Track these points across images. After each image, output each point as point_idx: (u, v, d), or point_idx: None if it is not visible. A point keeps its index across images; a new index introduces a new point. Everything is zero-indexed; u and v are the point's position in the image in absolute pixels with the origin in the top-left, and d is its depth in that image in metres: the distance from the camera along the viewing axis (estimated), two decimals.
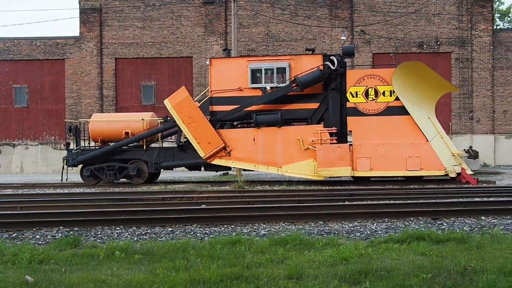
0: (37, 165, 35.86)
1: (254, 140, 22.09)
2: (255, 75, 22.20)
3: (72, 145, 24.67)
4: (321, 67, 21.65)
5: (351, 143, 21.46)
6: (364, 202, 14.61)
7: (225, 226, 11.51)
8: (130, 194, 18.12)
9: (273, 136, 21.92)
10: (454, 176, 20.79)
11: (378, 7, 34.41)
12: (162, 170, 24.56)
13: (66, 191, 21.00)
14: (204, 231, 11.00)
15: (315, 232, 10.68)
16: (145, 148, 23.62)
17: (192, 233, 10.88)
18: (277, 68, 22.16)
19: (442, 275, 7.08)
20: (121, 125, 23.87)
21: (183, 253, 8.78)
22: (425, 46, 34.15)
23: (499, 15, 55.43)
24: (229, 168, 24.31)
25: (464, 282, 6.85)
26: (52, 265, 8.26)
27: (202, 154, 22.13)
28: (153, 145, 24.59)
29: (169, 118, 23.39)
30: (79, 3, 35.68)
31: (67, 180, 24.62)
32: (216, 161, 22.44)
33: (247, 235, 10.43)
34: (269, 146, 21.95)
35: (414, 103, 21.32)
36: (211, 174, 27.38)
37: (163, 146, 24.20)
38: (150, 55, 35.33)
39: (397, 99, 21.27)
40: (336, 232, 10.62)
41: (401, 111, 21.21)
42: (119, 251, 8.84)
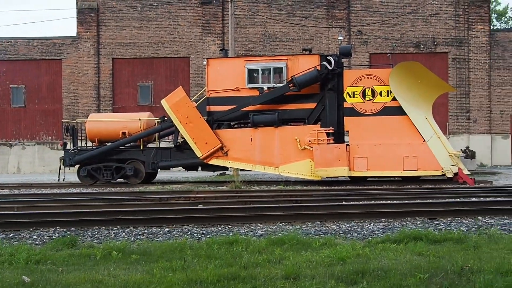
0: (34, 165, 35.81)
1: (251, 140, 22.09)
2: (252, 75, 22.20)
3: (69, 145, 24.65)
4: (318, 67, 21.67)
5: (348, 143, 21.48)
6: (361, 202, 14.61)
7: (222, 226, 11.51)
8: (127, 194, 18.11)
9: (270, 136, 21.92)
10: (451, 176, 20.82)
11: (375, 7, 34.44)
12: (159, 170, 24.55)
13: (63, 191, 20.97)
14: (201, 231, 10.99)
15: (312, 232, 10.68)
16: (142, 148, 23.61)
17: (189, 233, 10.87)
18: (274, 68, 22.17)
19: (439, 275, 7.09)
20: (118, 125, 23.84)
21: (180, 253, 8.78)
22: (422, 46, 34.18)
23: (495, 15, 55.60)
24: (226, 168, 24.28)
25: (461, 282, 6.85)
26: (49, 265, 8.25)
27: (199, 154, 22.12)
28: (150, 145, 24.59)
29: (166, 118, 23.40)
30: (76, 3, 35.62)
31: (64, 180, 24.63)
32: (213, 161, 22.44)
33: (244, 235, 10.43)
34: (266, 146, 21.95)
35: (411, 103, 21.35)
36: (208, 174, 27.38)
37: (160, 146, 24.16)
38: (147, 55, 35.30)
39: (394, 99, 21.30)
40: (333, 232, 10.62)
41: (398, 111, 21.24)
42: (116, 251, 8.83)
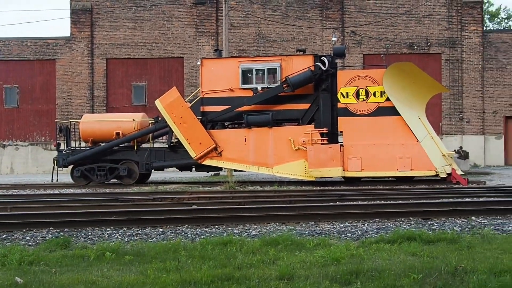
0: (28, 165, 35.68)
1: (245, 141, 22.08)
2: (246, 75, 22.20)
3: (63, 146, 24.57)
4: (312, 68, 21.69)
5: (342, 143, 21.51)
6: (355, 203, 14.59)
7: (216, 226, 11.49)
8: (120, 195, 18.06)
9: (264, 137, 21.92)
10: (444, 176, 20.87)
11: (368, 8, 34.50)
12: (153, 170, 24.51)
13: (57, 191, 20.91)
14: (195, 232, 10.96)
15: (306, 232, 10.67)
16: (136, 148, 23.56)
17: (183, 233, 10.85)
18: (268, 68, 22.18)
19: (433, 275, 7.10)
20: (112, 125, 23.77)
21: (174, 254, 8.75)
22: (415, 47, 34.25)
23: (488, 16, 55.76)
24: (220, 169, 24.26)
25: (455, 282, 6.86)
26: (42, 266, 8.21)
27: (193, 154, 22.09)
28: (144, 145, 24.54)
29: (160, 119, 23.37)
30: (70, 3, 35.52)
31: (57, 180, 24.56)
32: (207, 162, 22.42)
33: (238, 235, 10.41)
34: (260, 146, 21.95)
35: (405, 104, 21.39)
36: (202, 175, 27.36)
37: (154, 146, 24.11)
38: (141, 55, 35.23)
39: (387, 99, 21.34)
40: (327, 233, 10.61)
41: (391, 111, 21.28)
42: (109, 252, 8.80)
